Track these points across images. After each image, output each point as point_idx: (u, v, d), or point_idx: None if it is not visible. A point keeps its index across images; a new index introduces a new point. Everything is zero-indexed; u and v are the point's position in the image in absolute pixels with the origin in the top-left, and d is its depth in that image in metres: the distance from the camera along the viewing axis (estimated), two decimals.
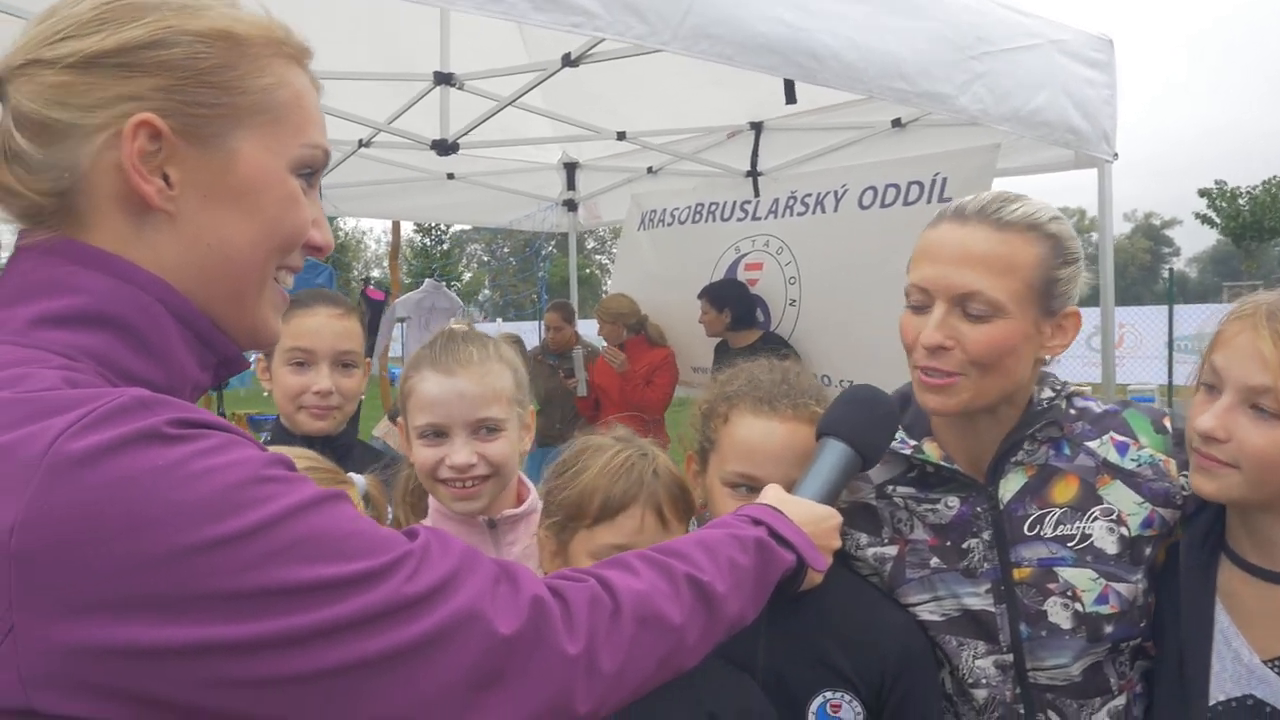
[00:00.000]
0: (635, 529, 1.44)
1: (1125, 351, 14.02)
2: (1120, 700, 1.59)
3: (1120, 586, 1.56)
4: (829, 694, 1.50)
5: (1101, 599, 1.55)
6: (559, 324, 6.91)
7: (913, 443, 1.65)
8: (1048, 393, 1.62)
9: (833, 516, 1.33)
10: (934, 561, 1.62)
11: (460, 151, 5.38)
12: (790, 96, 2.91)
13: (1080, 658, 1.56)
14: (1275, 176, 42.48)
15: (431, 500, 1.74)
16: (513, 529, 1.74)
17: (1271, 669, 1.45)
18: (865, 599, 1.63)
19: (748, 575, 1.12)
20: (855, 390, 1.49)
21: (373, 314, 8.14)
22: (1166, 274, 27.44)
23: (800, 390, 1.57)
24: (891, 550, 1.67)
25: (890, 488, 1.69)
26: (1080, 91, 3.67)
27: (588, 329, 6.95)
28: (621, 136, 5.35)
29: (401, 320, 8.14)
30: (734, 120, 5.57)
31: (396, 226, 11.87)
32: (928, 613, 1.62)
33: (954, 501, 1.63)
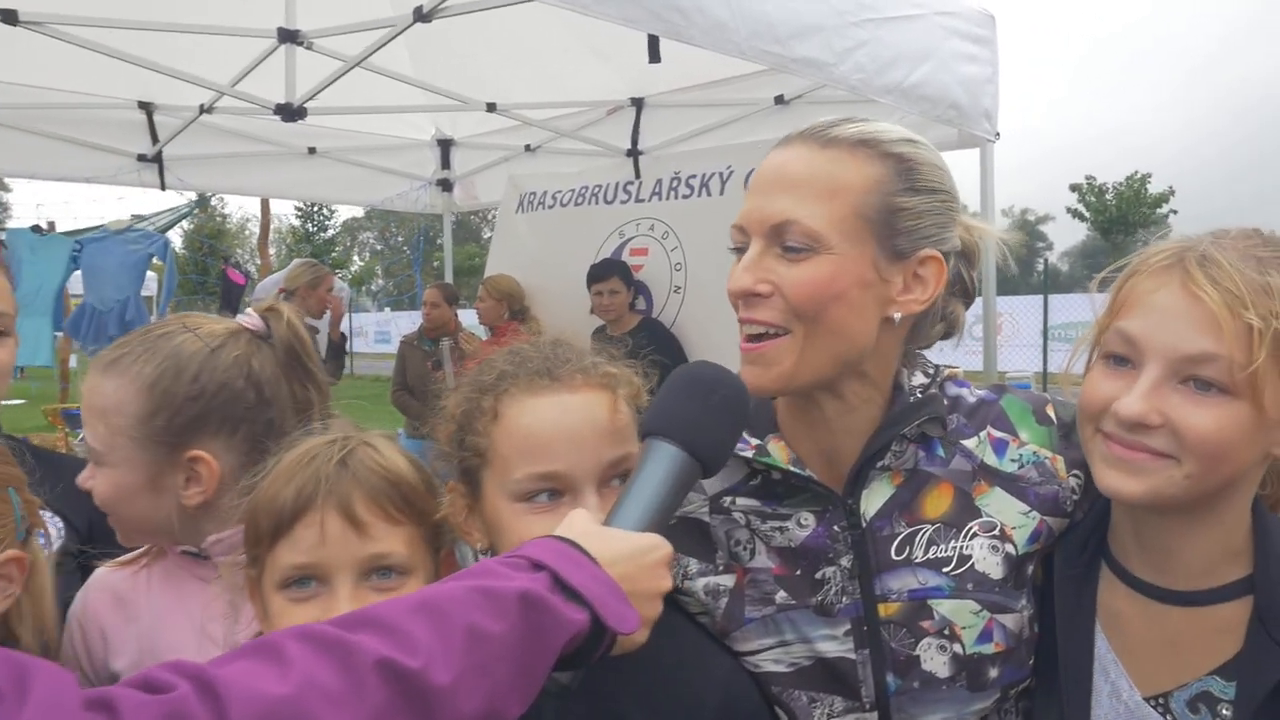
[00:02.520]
0: (315, 541, 1.07)
1: (1003, 339, 14.43)
2: None
3: (1006, 619, 1.26)
4: None
5: (985, 636, 1.25)
6: (437, 301, 6.53)
7: (755, 442, 1.31)
8: (920, 378, 1.32)
9: (658, 548, 0.98)
10: (780, 596, 1.29)
11: (316, 120, 4.96)
12: (654, 55, 2.65)
13: (961, 714, 1.26)
14: (1137, 172, 45.10)
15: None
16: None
17: (1155, 707, 1.19)
18: (679, 644, 1.24)
19: (501, 651, 0.79)
20: (686, 371, 1.11)
21: (230, 296, 7.57)
22: (1041, 266, 28.74)
23: (581, 353, 1.22)
24: (728, 580, 1.32)
25: (728, 499, 1.34)
26: (962, 67, 3.57)
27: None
28: (491, 108, 5.02)
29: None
30: (615, 95, 5.32)
31: (265, 206, 11.24)
32: (771, 662, 1.28)
33: (808, 519, 1.29)
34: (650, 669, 1.16)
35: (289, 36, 3.90)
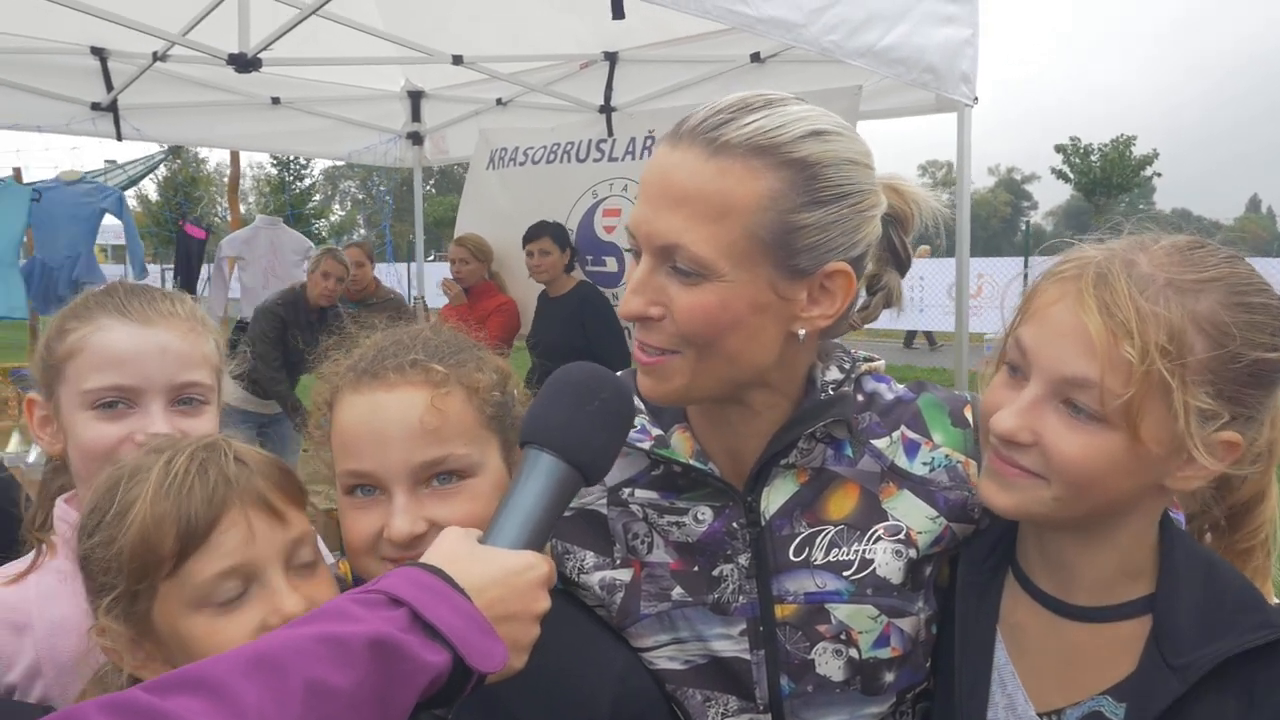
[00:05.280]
0: (244, 539, 1.02)
1: (983, 301, 14.40)
2: None
3: (903, 623, 1.23)
4: None
5: (881, 641, 1.22)
6: (361, 261, 6.40)
7: (656, 432, 1.25)
8: (834, 374, 1.25)
9: (533, 567, 0.92)
10: (676, 592, 1.25)
11: (280, 72, 4.79)
12: (617, 10, 2.53)
13: (855, 718, 1.23)
14: (1123, 134, 45.05)
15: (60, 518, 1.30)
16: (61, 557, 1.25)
17: None
18: (575, 637, 1.21)
19: (346, 706, 0.72)
20: (564, 375, 1.04)
21: (188, 253, 7.39)
22: (1024, 226, 28.76)
23: (410, 347, 1.16)
24: (624, 575, 1.27)
25: (626, 491, 1.29)
26: (939, 29, 3.46)
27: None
28: (458, 61, 4.85)
29: (232, 259, 7.38)
30: (587, 50, 5.17)
31: (235, 157, 10.96)
32: (666, 659, 1.25)
33: (705, 513, 1.25)
34: (542, 663, 1.09)
35: None
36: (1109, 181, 43.52)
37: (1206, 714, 1.05)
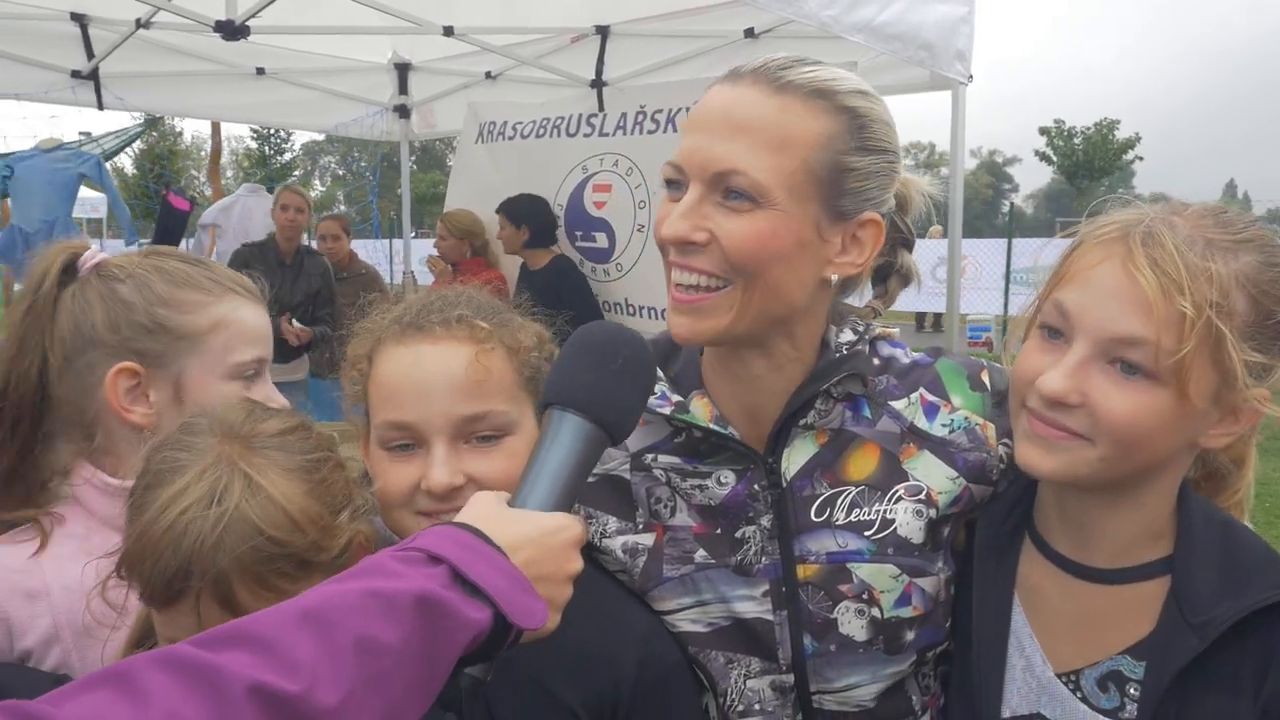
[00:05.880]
0: (192, 626, 0.95)
1: (966, 282, 14.53)
2: None
3: (924, 582, 1.25)
4: None
5: (903, 600, 1.23)
6: (338, 234, 6.47)
7: (676, 399, 1.26)
8: (848, 335, 1.28)
9: (566, 528, 0.92)
10: (699, 555, 1.26)
11: (265, 39, 4.71)
12: None
13: (878, 677, 1.25)
14: (1106, 118, 45.24)
15: None
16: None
17: (1066, 684, 1.17)
18: (598, 601, 1.20)
19: (396, 661, 0.72)
20: (585, 335, 1.03)
21: (171, 223, 7.29)
22: (1007, 208, 28.87)
23: (455, 304, 1.17)
24: (647, 539, 1.28)
25: (649, 457, 1.30)
26: (936, 6, 3.45)
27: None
28: (449, 32, 4.79)
29: (211, 228, 7.32)
30: (578, 23, 5.11)
31: (216, 129, 10.81)
32: (689, 622, 1.26)
33: (728, 477, 1.26)
34: (568, 628, 1.12)
35: None
36: (1091, 165, 43.75)
37: (1225, 670, 1.07)
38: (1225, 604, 1.07)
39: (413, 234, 8.08)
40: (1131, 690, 1.13)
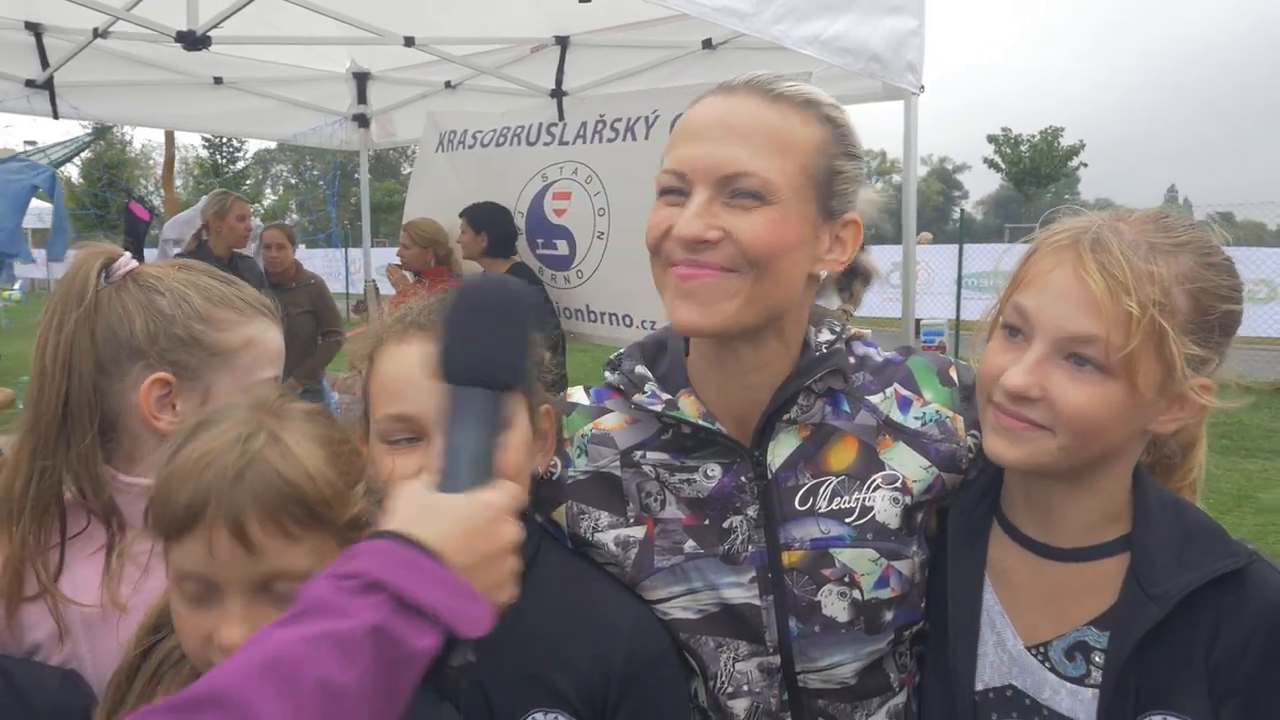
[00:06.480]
0: (204, 555, 1.01)
1: (920, 287, 14.76)
2: (900, 698, 1.40)
3: (901, 565, 1.34)
4: (540, 716, 1.20)
5: (882, 582, 1.32)
6: (282, 243, 6.43)
7: (665, 397, 1.34)
8: (826, 335, 1.37)
9: (493, 502, 0.92)
10: (689, 545, 1.33)
11: (223, 49, 4.70)
12: None
13: (858, 656, 1.33)
14: (1051, 126, 46.29)
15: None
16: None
17: (1036, 656, 1.27)
18: (589, 592, 1.29)
19: (356, 700, 0.74)
20: (449, 306, 1.00)
21: (134, 232, 7.21)
22: (957, 215, 29.37)
23: None
24: (638, 532, 1.35)
25: (639, 454, 1.37)
26: (886, 20, 3.57)
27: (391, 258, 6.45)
28: (410, 43, 4.83)
29: (174, 243, 7.23)
30: (538, 33, 5.17)
31: (170, 138, 10.63)
32: (680, 609, 1.33)
33: (715, 470, 1.34)
34: (561, 619, 1.21)
35: None
36: (1038, 171, 44.76)
37: (1181, 637, 1.17)
38: (1181, 576, 1.16)
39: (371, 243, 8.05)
40: (1096, 658, 1.22)
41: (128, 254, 1.38)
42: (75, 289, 1.31)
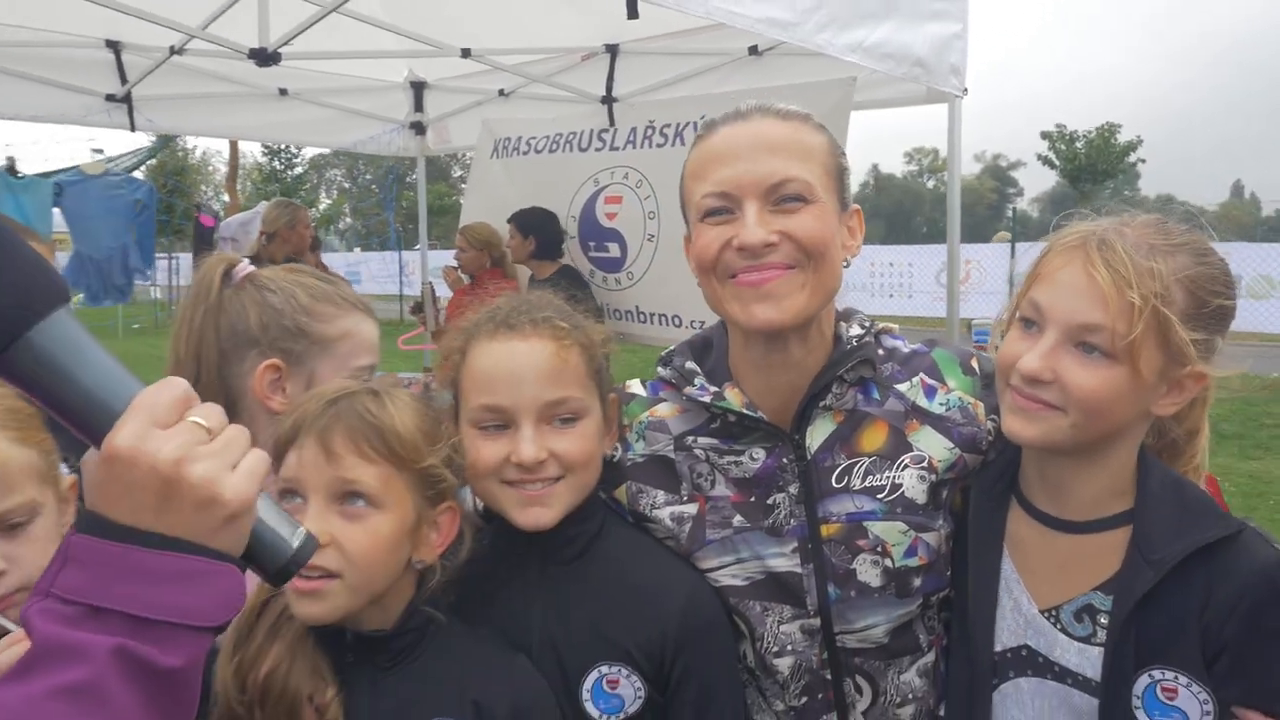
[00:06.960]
0: (296, 463, 1.23)
1: (970, 287, 14.61)
2: (930, 657, 1.53)
3: (928, 536, 1.48)
4: (605, 668, 1.35)
5: (910, 551, 1.47)
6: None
7: (713, 389, 1.50)
8: (856, 329, 1.51)
9: (118, 445, 0.74)
10: (737, 520, 1.49)
11: (289, 64, 4.91)
12: (632, 10, 2.71)
13: (891, 618, 1.47)
14: (1107, 122, 45.23)
15: None
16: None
17: (1048, 618, 1.40)
18: (649, 560, 1.47)
19: None
20: None
21: (202, 239, 7.53)
22: (1011, 213, 28.88)
23: (541, 308, 1.40)
24: (691, 509, 1.51)
25: (690, 439, 1.53)
26: (927, 24, 3.63)
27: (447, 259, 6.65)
28: (466, 54, 5.00)
29: (230, 241, 7.53)
30: (588, 42, 5.31)
31: (234, 146, 11.08)
32: (729, 576, 1.49)
33: (759, 453, 1.49)
34: (624, 585, 1.38)
35: None
36: (1094, 168, 43.79)
37: (1175, 599, 1.29)
38: (1176, 543, 1.29)
39: (414, 247, 8.30)
40: (1101, 620, 1.35)
41: (246, 260, 1.58)
42: (202, 290, 1.53)
